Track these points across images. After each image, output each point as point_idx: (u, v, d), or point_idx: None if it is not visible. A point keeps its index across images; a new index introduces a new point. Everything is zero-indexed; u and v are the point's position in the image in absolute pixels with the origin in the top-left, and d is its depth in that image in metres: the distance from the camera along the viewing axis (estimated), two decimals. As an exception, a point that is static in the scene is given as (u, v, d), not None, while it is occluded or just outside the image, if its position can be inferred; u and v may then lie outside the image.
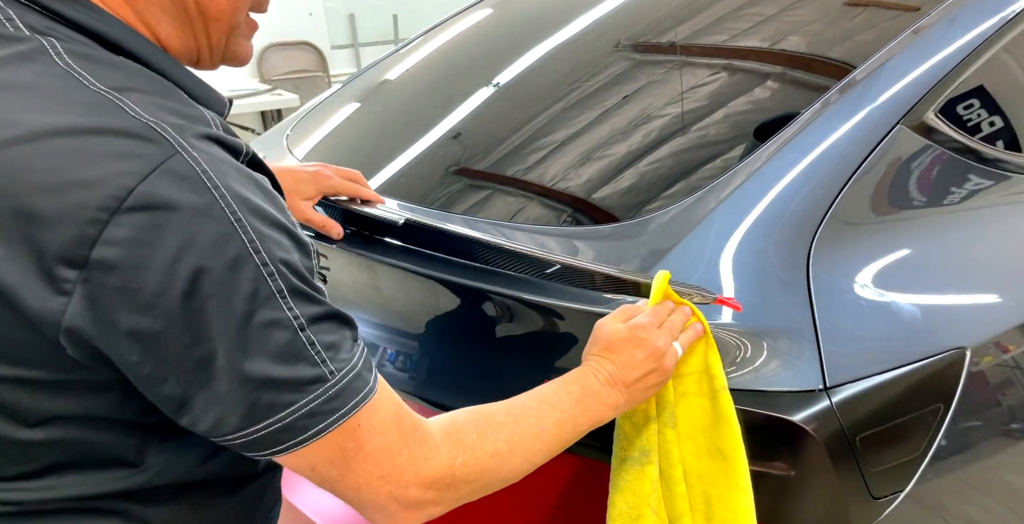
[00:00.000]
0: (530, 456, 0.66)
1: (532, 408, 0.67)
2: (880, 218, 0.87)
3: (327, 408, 0.54)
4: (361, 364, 0.56)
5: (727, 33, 1.17)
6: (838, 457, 0.72)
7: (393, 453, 0.57)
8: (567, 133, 1.10)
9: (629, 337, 0.72)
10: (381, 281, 0.99)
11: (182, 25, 0.59)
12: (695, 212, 0.86)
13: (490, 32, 1.53)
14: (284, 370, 0.52)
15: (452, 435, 0.62)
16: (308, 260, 0.56)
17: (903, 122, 0.90)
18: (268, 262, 0.51)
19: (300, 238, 0.56)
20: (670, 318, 0.75)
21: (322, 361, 0.53)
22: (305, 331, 0.53)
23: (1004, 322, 0.86)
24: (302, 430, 0.53)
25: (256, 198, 0.52)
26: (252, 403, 0.52)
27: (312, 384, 0.53)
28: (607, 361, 0.72)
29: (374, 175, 1.17)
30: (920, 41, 0.96)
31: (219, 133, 0.55)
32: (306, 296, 0.53)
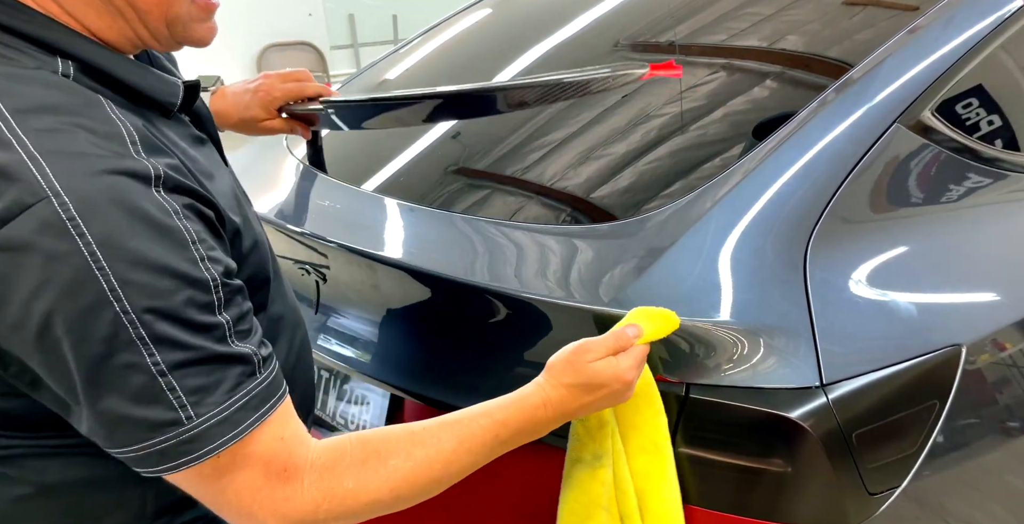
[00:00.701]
0: (419, 495, 0.64)
1: (444, 451, 0.64)
2: (877, 217, 0.87)
3: (180, 450, 0.56)
4: (235, 408, 0.57)
5: (726, 32, 1.18)
6: (834, 453, 0.73)
7: (253, 490, 0.59)
8: (566, 132, 1.10)
9: (606, 387, 0.69)
10: (380, 280, 0.99)
11: (112, 17, 0.59)
12: (693, 211, 0.86)
13: (489, 32, 1.53)
14: (139, 410, 0.54)
15: (325, 480, 0.61)
16: (200, 294, 0.56)
17: (900, 121, 0.90)
18: (129, 310, 0.52)
19: (187, 274, 0.55)
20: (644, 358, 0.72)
21: (181, 406, 0.55)
22: (166, 376, 0.54)
23: (1000, 320, 0.87)
24: (155, 463, 0.56)
25: (136, 240, 0.53)
26: (110, 433, 0.56)
27: (166, 426, 0.55)
28: (572, 398, 0.69)
29: (374, 174, 1.18)
30: (917, 40, 0.96)
31: (124, 163, 0.55)
32: (173, 343, 0.54)
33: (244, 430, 0.57)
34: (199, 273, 0.56)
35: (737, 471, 0.75)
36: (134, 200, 0.54)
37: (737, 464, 0.75)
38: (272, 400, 0.60)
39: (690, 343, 0.77)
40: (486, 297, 0.88)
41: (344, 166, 1.24)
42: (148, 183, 0.55)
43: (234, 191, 0.73)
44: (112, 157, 0.55)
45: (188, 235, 0.56)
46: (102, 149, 0.55)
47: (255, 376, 0.59)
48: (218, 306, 0.57)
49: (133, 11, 0.60)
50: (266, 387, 0.59)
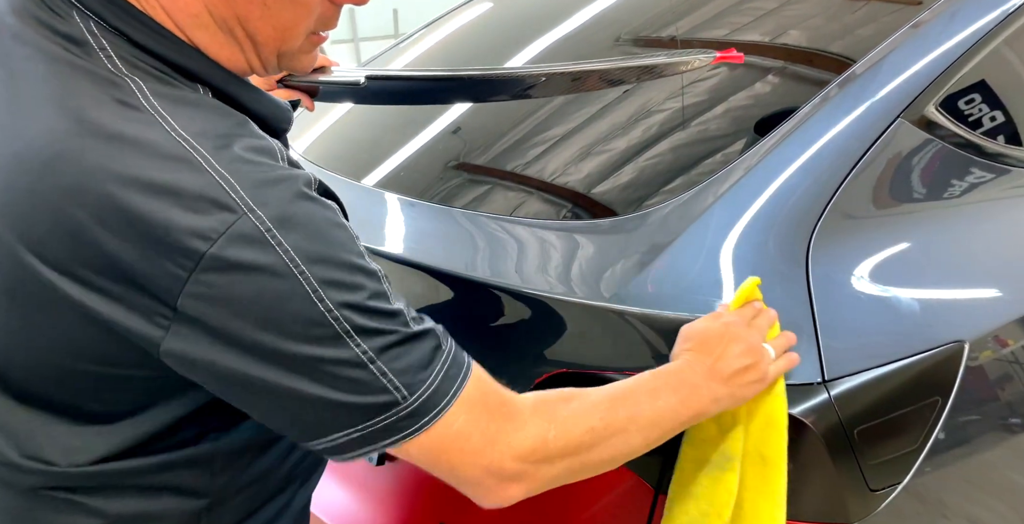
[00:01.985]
0: (627, 439, 0.66)
1: (630, 394, 0.67)
2: (879, 212, 0.87)
3: (402, 425, 0.58)
4: (440, 378, 0.59)
5: (728, 27, 1.17)
6: (836, 450, 0.73)
7: (481, 430, 0.61)
8: (567, 128, 1.10)
9: (723, 332, 0.71)
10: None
11: (231, 47, 0.61)
12: (694, 206, 0.86)
13: (490, 26, 1.53)
14: (359, 399, 0.57)
15: (542, 409, 0.64)
16: (379, 285, 0.59)
17: (903, 116, 0.90)
18: (332, 308, 0.55)
19: (366, 267, 0.58)
20: (756, 320, 0.74)
21: (395, 388, 0.57)
22: (375, 363, 0.56)
23: (1003, 316, 0.86)
24: (379, 439, 0.58)
25: (319, 243, 0.56)
26: (332, 420, 0.57)
27: (387, 408, 0.57)
28: (702, 355, 0.71)
29: (374, 169, 1.17)
30: (921, 35, 0.96)
31: (287, 170, 0.57)
32: (373, 331, 0.57)
33: (455, 394, 0.60)
34: (370, 265, 0.59)
35: (738, 467, 0.75)
36: (310, 203, 0.56)
37: (738, 460, 0.75)
38: (465, 363, 0.62)
39: (691, 339, 0.76)
40: (487, 292, 0.87)
41: (344, 160, 1.24)
42: (311, 186, 0.58)
43: None
44: (278, 169, 0.57)
45: (351, 231, 0.60)
46: (268, 163, 0.57)
47: (442, 347, 0.61)
48: (390, 294, 0.60)
49: (251, 43, 0.61)
50: (455, 354, 0.62)
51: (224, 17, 0.58)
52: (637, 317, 0.78)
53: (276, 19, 0.59)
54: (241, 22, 0.59)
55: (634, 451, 0.67)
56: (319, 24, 0.64)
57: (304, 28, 0.62)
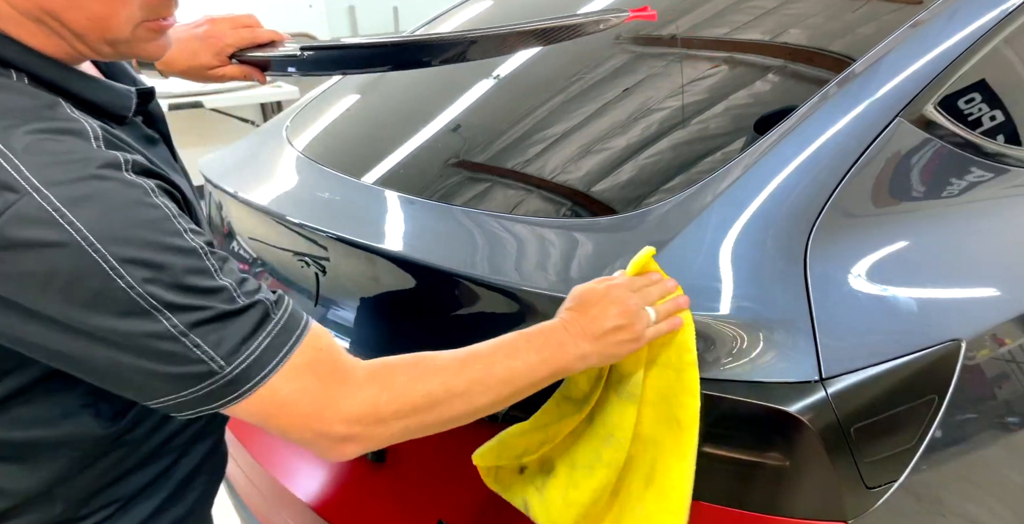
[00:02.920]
0: (471, 399, 0.68)
1: (483, 355, 0.70)
2: (878, 211, 0.87)
3: (223, 392, 0.60)
4: (262, 349, 0.61)
5: (728, 26, 1.17)
6: (833, 447, 0.73)
7: (310, 396, 0.63)
8: (567, 126, 1.10)
9: (604, 293, 0.75)
10: (379, 272, 0.99)
11: (47, 35, 0.60)
12: (693, 204, 0.86)
13: (490, 24, 1.53)
14: (177, 369, 0.59)
15: (380, 375, 0.66)
16: (197, 261, 0.59)
17: (902, 115, 0.90)
18: (135, 285, 0.56)
19: (179, 245, 0.59)
20: (647, 288, 0.77)
21: (210, 358, 0.59)
22: (188, 336, 0.58)
23: (1000, 315, 0.87)
24: (203, 403, 0.61)
25: (117, 222, 0.56)
26: (148, 388, 0.60)
27: (204, 377, 0.59)
28: (578, 314, 0.74)
29: (373, 167, 1.17)
30: (920, 34, 0.96)
31: (92, 153, 0.57)
32: (184, 307, 0.58)
33: (277, 365, 0.61)
34: (187, 243, 0.59)
35: (736, 465, 0.75)
36: (109, 182, 0.57)
37: (736, 458, 0.75)
38: (295, 333, 0.64)
39: (690, 337, 0.77)
40: (487, 290, 0.88)
41: (344, 158, 1.24)
42: (119, 167, 0.58)
43: (187, 188, 0.75)
44: (80, 150, 0.57)
45: (167, 210, 0.59)
46: (69, 143, 0.57)
47: (270, 317, 0.62)
48: (215, 272, 0.60)
49: (69, 32, 0.60)
50: (284, 325, 0.63)
51: (28, 9, 0.58)
52: (636, 315, 0.78)
53: (86, 10, 0.59)
54: (49, 13, 0.59)
55: (482, 409, 0.69)
56: (147, 12, 0.62)
57: (125, 17, 0.61)
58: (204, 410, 0.62)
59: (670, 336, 0.76)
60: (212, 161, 1.41)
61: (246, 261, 1.28)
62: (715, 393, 0.75)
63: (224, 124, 4.07)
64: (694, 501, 0.76)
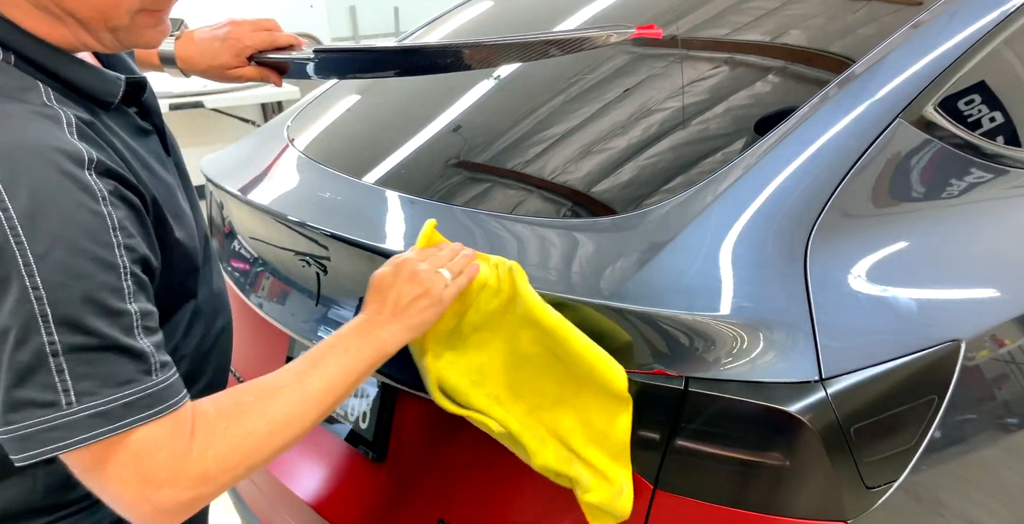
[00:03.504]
0: (301, 422, 0.65)
1: (293, 376, 0.68)
2: (878, 211, 0.87)
3: (45, 436, 0.53)
4: (120, 403, 0.55)
5: (728, 27, 1.17)
6: (833, 447, 0.73)
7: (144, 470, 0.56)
8: (567, 126, 1.10)
9: (394, 273, 0.78)
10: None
11: (52, 23, 0.61)
12: (693, 205, 0.86)
13: (491, 24, 1.53)
14: (22, 392, 0.53)
15: (205, 433, 0.60)
16: (116, 281, 0.55)
17: (902, 116, 0.90)
18: (40, 286, 0.52)
19: (107, 261, 0.55)
20: (436, 254, 0.80)
21: (64, 390, 0.53)
22: (58, 357, 0.53)
23: (1000, 315, 0.87)
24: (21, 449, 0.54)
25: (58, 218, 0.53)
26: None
27: (40, 408, 0.53)
28: (376, 300, 0.77)
29: (374, 167, 1.18)
30: (920, 35, 0.96)
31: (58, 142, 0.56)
32: (75, 325, 0.53)
33: (119, 428, 0.55)
34: (113, 258, 0.56)
35: (736, 465, 0.75)
36: (62, 178, 0.54)
37: (736, 458, 0.75)
38: (164, 405, 0.58)
39: (689, 337, 0.77)
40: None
41: (345, 158, 1.24)
42: (81, 164, 0.56)
43: (173, 183, 0.75)
44: (46, 135, 0.56)
45: (110, 221, 0.57)
46: (37, 127, 0.56)
47: (150, 376, 0.57)
48: (128, 294, 0.57)
49: (74, 20, 0.61)
50: (159, 391, 0.58)
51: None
52: (636, 315, 0.78)
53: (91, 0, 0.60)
54: (54, 1, 0.59)
55: (313, 424, 0.67)
56: (147, 2, 0.63)
57: (126, 8, 0.62)
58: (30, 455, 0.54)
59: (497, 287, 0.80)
60: (213, 161, 1.41)
61: (247, 260, 1.29)
62: (715, 393, 0.75)
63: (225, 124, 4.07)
64: (695, 500, 0.76)
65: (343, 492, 1.09)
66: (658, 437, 0.77)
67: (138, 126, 0.74)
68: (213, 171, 1.33)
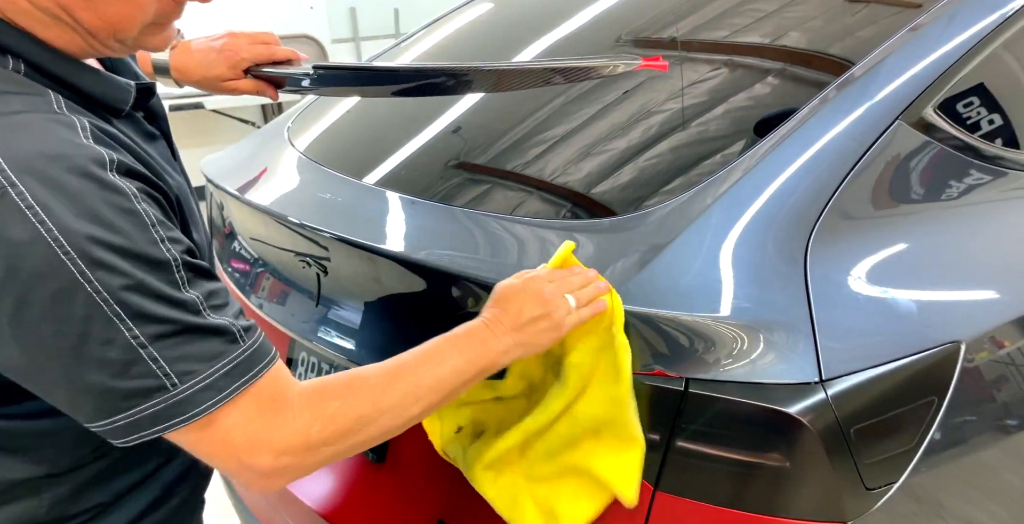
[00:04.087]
0: (403, 413, 0.68)
1: (411, 367, 0.70)
2: (878, 213, 0.88)
3: (170, 412, 0.58)
4: (219, 375, 0.59)
5: (728, 29, 1.18)
6: (833, 449, 0.73)
7: (248, 431, 0.61)
8: (567, 128, 1.10)
9: (521, 287, 0.77)
10: (381, 273, 1.00)
11: (61, 29, 0.61)
12: (693, 206, 0.86)
13: (491, 26, 1.53)
14: (125, 382, 0.57)
15: (314, 403, 0.64)
16: (167, 273, 0.58)
17: (902, 118, 0.90)
18: (101, 290, 0.54)
19: (152, 256, 0.57)
20: (567, 278, 0.78)
21: (165, 375, 0.57)
22: (147, 348, 0.56)
23: (999, 317, 0.87)
24: (148, 426, 0.59)
25: (97, 224, 0.54)
26: (97, 406, 0.58)
27: (154, 392, 0.58)
28: (498, 309, 0.76)
29: (374, 168, 1.18)
30: (919, 38, 0.97)
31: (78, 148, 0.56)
32: (149, 317, 0.56)
33: (229, 395, 0.60)
34: (161, 254, 0.58)
35: (736, 466, 0.75)
36: (91, 183, 0.55)
37: (736, 459, 0.75)
38: (258, 366, 0.62)
39: (689, 338, 0.77)
40: (487, 291, 0.88)
41: (345, 159, 1.24)
42: (104, 166, 0.57)
43: (186, 187, 0.76)
44: (66, 143, 0.56)
45: (147, 217, 0.58)
46: (55, 135, 0.56)
47: (237, 344, 0.61)
48: (183, 284, 0.59)
49: (82, 28, 0.61)
50: (249, 356, 0.61)
51: (46, 6, 0.59)
52: (636, 316, 0.78)
53: (102, 12, 0.60)
54: (66, 10, 0.60)
55: (413, 419, 0.69)
56: (159, 17, 0.64)
57: (139, 22, 0.62)
58: (144, 435, 0.59)
59: (597, 320, 0.78)
60: (213, 161, 1.41)
61: (247, 261, 1.29)
62: (715, 394, 0.75)
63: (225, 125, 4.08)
64: (695, 501, 0.76)
65: (343, 493, 1.09)
66: (658, 438, 0.77)
67: (147, 131, 0.74)
68: (213, 172, 1.33)
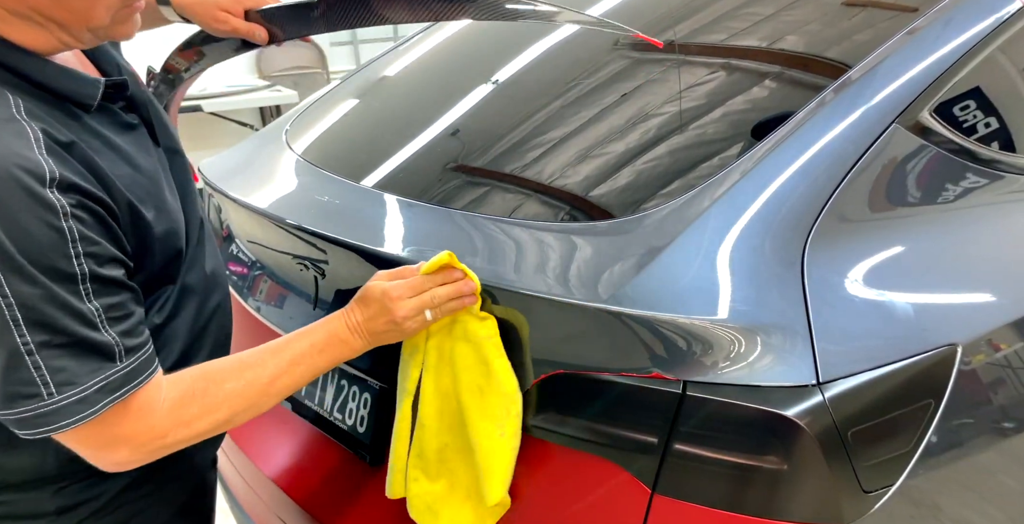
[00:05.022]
0: (254, 412, 0.75)
1: (270, 367, 0.75)
2: (874, 216, 0.88)
3: (38, 421, 0.62)
4: (93, 389, 0.63)
5: (725, 32, 1.18)
6: (830, 451, 0.73)
7: (109, 430, 0.66)
8: (565, 131, 1.11)
9: (379, 297, 0.81)
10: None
11: (30, 27, 0.62)
12: (691, 209, 0.86)
13: (489, 29, 1.54)
14: (7, 386, 0.60)
15: (175, 413, 0.70)
16: (74, 286, 0.61)
17: (899, 122, 0.90)
18: (7, 294, 0.58)
19: (64, 270, 0.60)
20: (433, 290, 0.81)
21: (44, 383, 0.61)
22: (33, 355, 0.60)
23: (996, 320, 0.87)
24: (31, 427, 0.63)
25: (20, 234, 0.58)
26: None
27: (27, 399, 0.61)
28: (359, 310, 0.82)
29: (372, 170, 1.18)
30: (916, 41, 0.97)
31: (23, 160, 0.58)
32: (42, 325, 0.60)
33: (99, 409, 0.64)
34: (72, 267, 0.60)
35: (733, 468, 0.75)
36: (25, 197, 0.58)
37: (733, 461, 0.75)
38: (129, 385, 0.66)
39: (687, 341, 0.77)
40: (485, 293, 0.88)
41: (343, 162, 1.24)
42: (43, 182, 0.59)
43: (157, 176, 0.77)
44: (11, 154, 0.58)
45: (69, 234, 0.61)
46: (3, 146, 0.58)
47: (115, 363, 0.64)
48: (86, 295, 0.62)
49: (55, 24, 0.63)
50: (125, 375, 0.65)
51: (14, 7, 0.60)
52: (634, 318, 0.78)
53: (69, 6, 0.61)
54: (35, 10, 0.61)
55: (260, 413, 0.75)
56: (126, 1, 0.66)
57: (104, 7, 0.64)
58: (33, 433, 0.63)
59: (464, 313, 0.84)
60: (211, 164, 1.41)
61: (245, 264, 1.29)
62: (712, 397, 0.75)
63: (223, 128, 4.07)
64: (692, 504, 0.76)
65: (339, 495, 1.09)
66: (656, 441, 0.77)
67: (123, 122, 0.75)
68: (211, 174, 1.33)
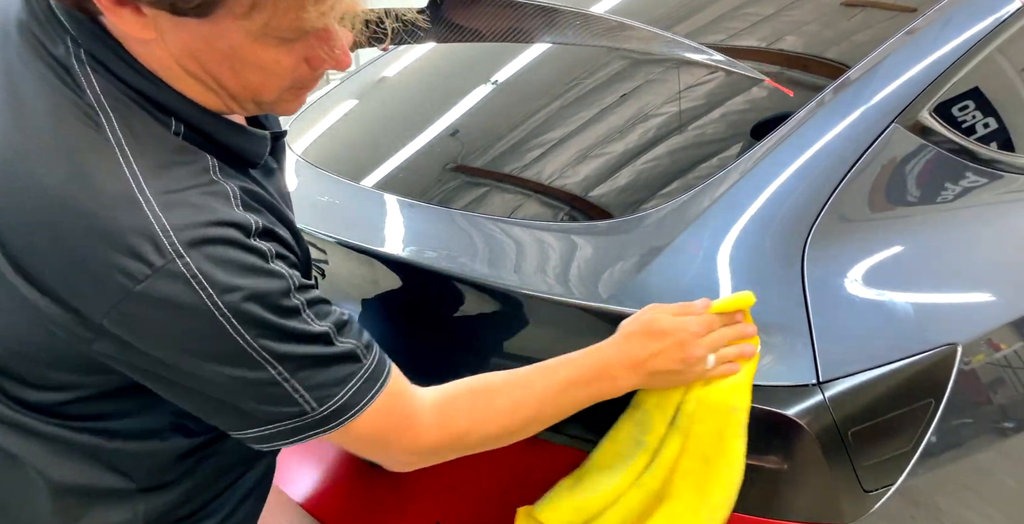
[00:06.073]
0: (521, 430, 0.75)
1: (538, 390, 0.75)
2: (874, 216, 0.88)
3: (307, 428, 0.67)
4: (350, 394, 0.67)
5: (724, 32, 1.18)
6: (830, 451, 0.73)
7: (383, 433, 0.71)
8: (565, 131, 1.11)
9: (673, 332, 0.74)
10: (379, 276, 1.00)
11: (205, 90, 0.65)
12: (691, 209, 0.87)
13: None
14: (271, 407, 0.66)
15: (444, 418, 0.73)
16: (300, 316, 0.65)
17: (898, 121, 0.91)
18: (251, 341, 0.62)
19: (287, 306, 0.64)
20: (721, 330, 0.76)
21: (305, 401, 0.65)
22: (289, 382, 0.64)
23: (996, 319, 0.87)
24: (286, 437, 0.68)
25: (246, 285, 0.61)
26: (241, 422, 0.67)
27: (295, 416, 0.66)
28: (639, 344, 0.74)
29: (372, 170, 1.18)
30: (915, 41, 0.97)
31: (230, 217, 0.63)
32: (288, 356, 0.64)
33: (360, 409, 0.68)
34: (292, 303, 0.65)
35: (733, 468, 0.75)
36: (240, 251, 0.62)
37: (733, 461, 0.75)
38: (380, 380, 0.70)
39: (688, 340, 0.77)
40: (485, 293, 0.88)
41: (343, 162, 1.24)
42: (248, 233, 0.63)
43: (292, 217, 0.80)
44: (219, 213, 0.62)
45: (283, 273, 0.65)
46: (212, 206, 0.62)
47: (361, 363, 0.68)
48: (312, 321, 0.66)
49: (225, 92, 0.65)
50: (372, 371, 0.69)
51: (195, 71, 0.63)
52: (634, 318, 0.78)
53: (245, 80, 0.64)
54: (212, 76, 0.64)
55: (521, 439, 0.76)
56: (296, 84, 0.67)
57: (276, 89, 0.66)
58: (284, 443, 0.68)
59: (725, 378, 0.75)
60: (210, 165, 1.41)
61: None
62: (713, 396, 0.75)
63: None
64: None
65: (341, 495, 1.09)
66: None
67: (269, 168, 0.77)
68: (210, 175, 1.33)
